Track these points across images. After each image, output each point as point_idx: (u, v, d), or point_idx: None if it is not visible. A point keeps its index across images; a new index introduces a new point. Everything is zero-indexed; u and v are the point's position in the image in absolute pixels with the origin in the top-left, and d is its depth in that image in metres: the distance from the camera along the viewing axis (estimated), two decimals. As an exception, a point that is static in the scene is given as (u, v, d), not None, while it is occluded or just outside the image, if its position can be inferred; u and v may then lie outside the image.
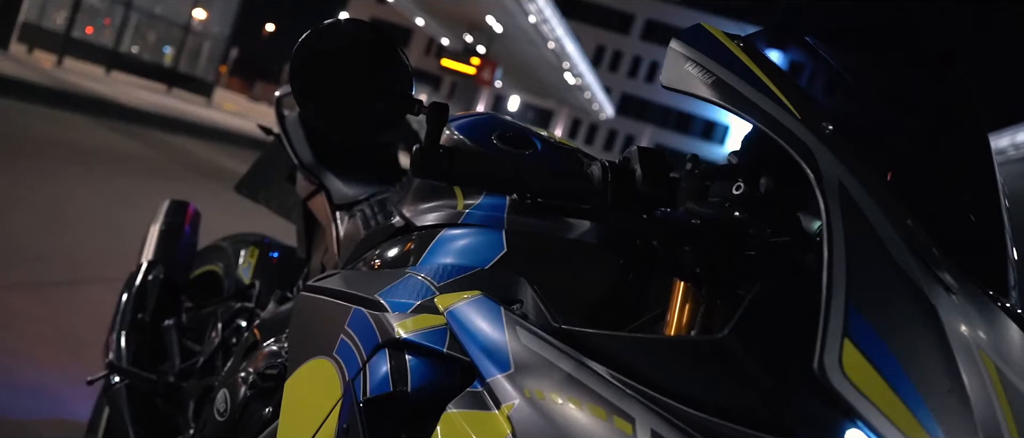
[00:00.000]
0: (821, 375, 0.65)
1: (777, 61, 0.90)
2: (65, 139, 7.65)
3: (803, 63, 0.97)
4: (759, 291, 0.73)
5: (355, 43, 0.86)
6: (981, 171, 0.90)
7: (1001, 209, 0.88)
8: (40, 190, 5.03)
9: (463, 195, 1.19)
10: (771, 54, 0.92)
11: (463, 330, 0.90)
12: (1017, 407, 0.69)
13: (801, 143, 0.77)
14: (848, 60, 1.00)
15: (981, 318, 0.73)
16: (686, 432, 0.70)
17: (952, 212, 0.88)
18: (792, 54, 0.98)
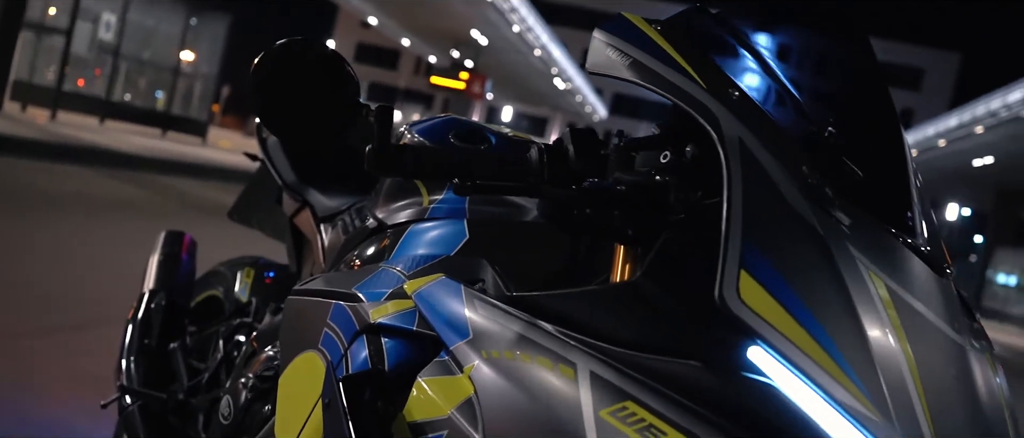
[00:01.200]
0: (722, 304, 0.75)
1: (696, 38, 1.00)
2: (65, 190, 7.78)
3: (719, 37, 1.07)
4: (667, 237, 0.83)
5: (306, 60, 0.96)
6: (886, 128, 0.99)
7: (906, 160, 0.97)
8: (44, 241, 5.15)
9: (428, 192, 1.29)
10: (690, 33, 1.02)
11: (429, 308, 1.00)
12: (906, 317, 0.79)
13: (705, 108, 0.87)
14: (760, 31, 1.10)
15: (873, 246, 0.83)
16: (617, 369, 0.80)
17: (860, 162, 0.97)
18: (709, 31, 1.08)
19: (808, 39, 1.12)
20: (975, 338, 0.88)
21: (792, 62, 1.08)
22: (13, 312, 3.54)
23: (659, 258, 0.83)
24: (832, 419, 0.73)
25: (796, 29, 1.12)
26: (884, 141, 0.99)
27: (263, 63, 0.94)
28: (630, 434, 0.76)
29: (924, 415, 0.74)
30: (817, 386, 0.74)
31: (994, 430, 0.80)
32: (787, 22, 1.13)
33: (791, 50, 1.10)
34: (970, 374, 0.81)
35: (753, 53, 1.04)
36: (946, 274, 0.89)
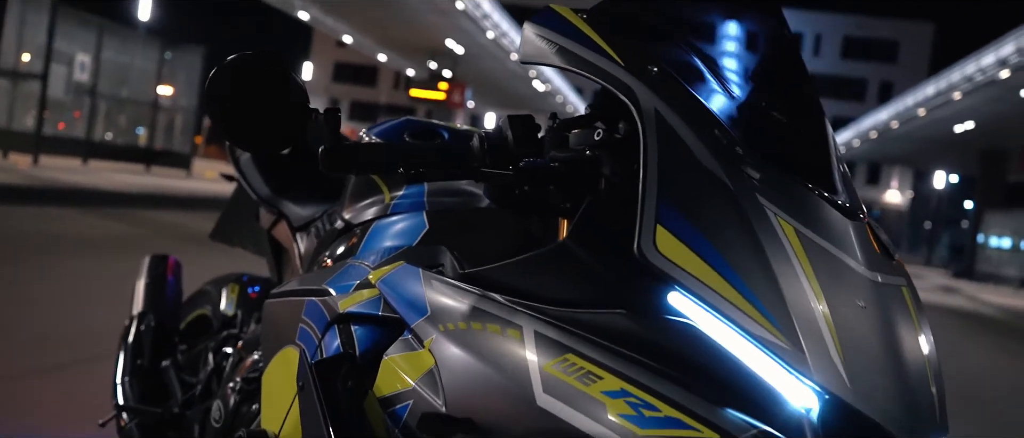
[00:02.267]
0: (641, 256, 0.83)
1: (619, 23, 1.08)
2: (52, 233, 7.82)
3: (643, 21, 1.14)
4: (589, 202, 0.91)
5: (256, 73, 1.03)
6: (802, 95, 1.07)
7: (823, 122, 1.05)
8: (36, 284, 5.20)
9: (389, 190, 1.37)
10: (614, 18, 1.10)
11: (391, 292, 1.08)
12: (815, 257, 0.87)
13: (624, 85, 0.95)
14: (682, 12, 1.18)
15: (784, 196, 0.90)
16: (557, 326, 0.88)
17: (778, 126, 1.05)
18: (634, 15, 1.15)
19: (727, 17, 1.20)
20: (890, 273, 0.95)
21: (713, 38, 1.16)
22: (13, 355, 3.60)
23: (581, 221, 0.91)
24: (747, 351, 0.81)
25: (716, 8, 1.20)
26: (801, 106, 1.06)
27: (215, 79, 1.01)
28: (571, 382, 0.84)
29: (833, 341, 0.82)
30: (732, 322, 0.81)
31: (905, 351, 0.88)
32: (708, 3, 1.21)
33: (712, 27, 1.18)
34: (879, 304, 0.88)
35: (675, 33, 1.12)
36: (859, 219, 0.97)
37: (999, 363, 9.28)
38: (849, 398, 0.80)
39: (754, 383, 0.81)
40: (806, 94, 1.07)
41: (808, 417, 0.81)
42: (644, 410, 0.80)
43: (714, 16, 1.20)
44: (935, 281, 25.29)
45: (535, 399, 0.85)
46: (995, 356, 10.01)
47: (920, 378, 0.88)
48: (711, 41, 1.14)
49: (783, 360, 0.81)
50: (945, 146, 33.18)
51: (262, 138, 1.03)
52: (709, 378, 0.82)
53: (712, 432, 0.77)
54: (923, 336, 0.93)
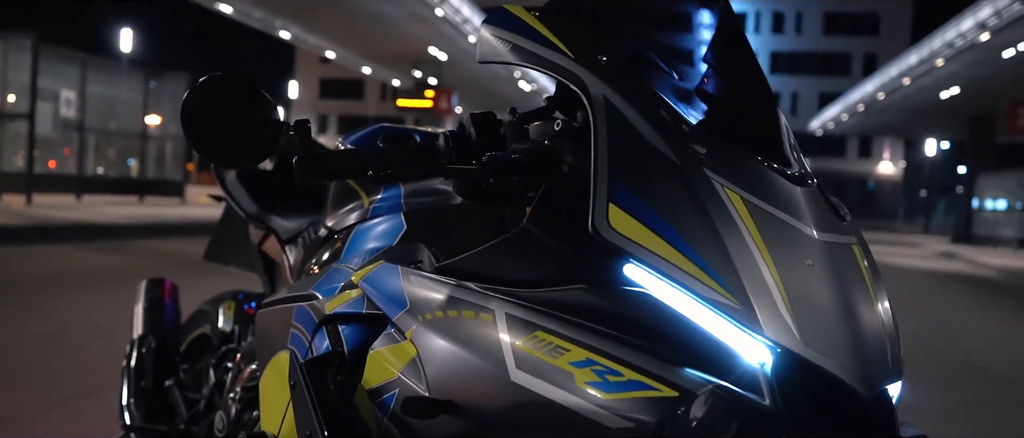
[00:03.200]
0: (595, 233, 0.88)
1: (570, 18, 1.14)
2: (50, 269, 7.85)
3: (594, 15, 1.20)
4: (545, 189, 0.97)
5: (227, 91, 1.08)
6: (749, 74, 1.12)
7: (770, 98, 1.11)
8: (39, 322, 5.24)
9: (367, 194, 1.43)
10: (566, 14, 1.15)
11: (373, 290, 1.14)
12: (762, 221, 0.92)
13: (574, 75, 1.01)
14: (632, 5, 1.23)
15: (731, 167, 0.96)
16: (525, 306, 0.93)
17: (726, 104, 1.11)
18: (585, 10, 1.21)
19: (675, 5, 1.26)
20: (840, 233, 1.01)
21: (661, 26, 1.22)
22: (21, 392, 3.64)
23: (539, 206, 0.97)
24: (701, 313, 0.87)
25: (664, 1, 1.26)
26: (748, 85, 1.12)
27: (189, 100, 1.06)
28: (541, 357, 0.89)
29: (781, 298, 0.87)
30: (685, 288, 0.87)
31: (855, 304, 0.93)
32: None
33: (660, 16, 1.24)
34: (828, 262, 0.94)
35: (624, 24, 1.17)
36: (808, 184, 1.03)
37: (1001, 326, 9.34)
38: (800, 350, 0.86)
39: (709, 343, 0.87)
40: (753, 73, 1.13)
41: (762, 371, 0.86)
42: (609, 376, 0.85)
43: (662, 5, 1.25)
44: (934, 248, 25.37)
45: (510, 376, 0.90)
46: (997, 318, 10.07)
47: (871, 328, 0.93)
48: (660, 29, 1.20)
49: (735, 319, 0.86)
50: (933, 113, 33.27)
51: (237, 153, 1.08)
52: (667, 341, 0.88)
53: (671, 390, 0.83)
54: (875, 289, 0.99)
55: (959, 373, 5.95)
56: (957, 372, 5.99)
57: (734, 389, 0.84)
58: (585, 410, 0.85)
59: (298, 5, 23.00)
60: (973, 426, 4.42)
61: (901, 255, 21.48)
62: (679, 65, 1.12)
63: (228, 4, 22.98)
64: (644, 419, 0.82)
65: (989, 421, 4.58)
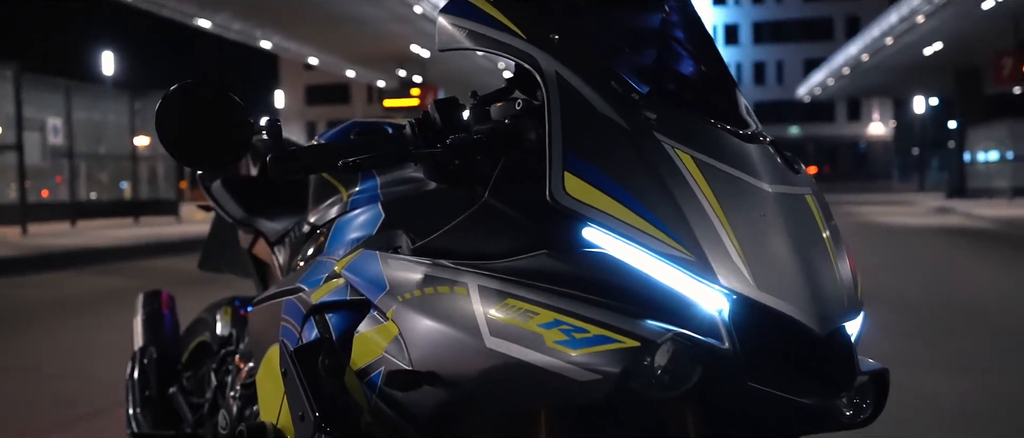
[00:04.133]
0: (553, 200, 0.93)
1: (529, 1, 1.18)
2: (50, 297, 7.89)
3: None
4: (503, 164, 1.02)
5: (199, 97, 1.13)
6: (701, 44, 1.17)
7: (721, 63, 1.16)
8: (43, 347, 5.29)
9: (345, 188, 1.48)
10: None
11: (355, 277, 1.19)
12: (713, 179, 0.97)
13: (527, 54, 1.06)
14: None
15: (681, 130, 1.01)
16: (494, 276, 0.99)
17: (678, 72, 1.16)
18: None
19: None
20: (793, 185, 1.06)
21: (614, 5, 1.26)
22: (32, 414, 3.70)
23: (499, 180, 1.02)
24: (658, 268, 0.92)
25: None
26: (700, 54, 1.17)
27: (162, 109, 1.11)
28: (513, 322, 0.94)
29: (734, 248, 0.92)
30: (641, 245, 0.92)
31: (809, 249, 0.98)
32: None
33: None
34: (780, 212, 0.99)
35: (577, 4, 1.21)
36: (760, 141, 1.08)
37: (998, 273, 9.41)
38: (754, 295, 0.91)
39: (668, 295, 0.92)
40: (704, 43, 1.18)
41: (720, 317, 0.92)
42: (575, 333, 0.90)
43: None
44: (929, 204, 25.47)
45: (485, 343, 0.95)
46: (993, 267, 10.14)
47: (825, 270, 0.98)
48: (612, 6, 1.24)
49: (691, 271, 0.91)
50: (919, 71, 33.32)
51: (212, 156, 1.13)
52: (628, 297, 0.93)
53: (634, 341, 0.88)
54: (828, 234, 1.04)
55: (957, 321, 6.02)
56: (957, 320, 6.06)
57: (693, 336, 0.89)
58: (556, 367, 0.90)
59: (277, 14, 22.99)
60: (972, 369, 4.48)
61: (896, 214, 21.57)
62: (631, 39, 1.17)
63: (206, 18, 22.97)
64: (610, 370, 0.87)
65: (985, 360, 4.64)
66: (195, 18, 22.68)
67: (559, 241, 0.96)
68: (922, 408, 3.86)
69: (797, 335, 0.94)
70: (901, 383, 4.48)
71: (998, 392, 4.11)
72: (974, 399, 3.97)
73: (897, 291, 7.78)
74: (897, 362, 4.63)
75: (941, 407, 3.86)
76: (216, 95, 1.11)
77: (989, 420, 3.66)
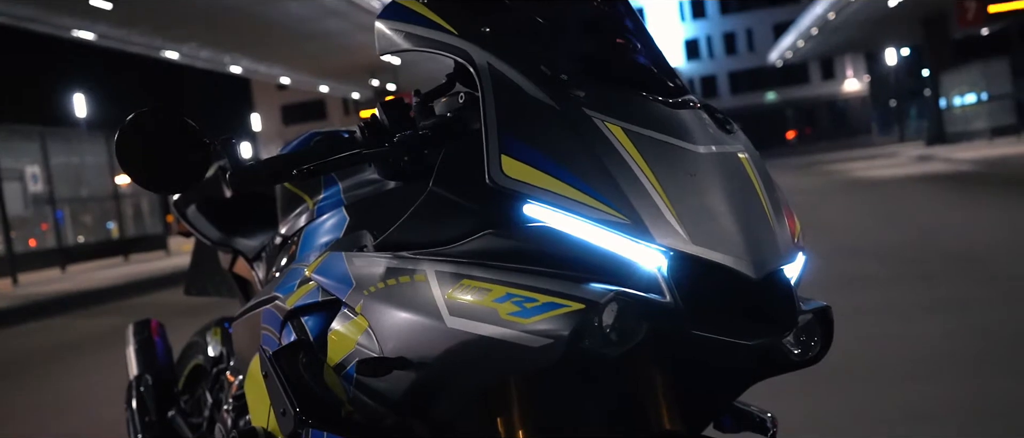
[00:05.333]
0: (492, 182, 0.99)
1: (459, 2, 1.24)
2: (45, 344, 7.92)
3: None
4: (445, 154, 1.08)
5: (156, 122, 1.18)
6: (631, 25, 1.23)
7: (651, 41, 1.21)
8: (45, 394, 5.32)
9: (310, 196, 1.53)
10: None
11: (324, 279, 1.24)
12: (643, 146, 1.03)
13: (460, 49, 1.12)
14: None
15: (611, 105, 1.06)
16: (449, 260, 1.05)
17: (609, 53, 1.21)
18: None
19: None
20: (725, 144, 1.12)
21: None
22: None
23: (441, 169, 1.08)
24: (596, 234, 0.98)
25: None
26: (629, 33, 1.23)
27: (121, 138, 1.16)
28: (469, 301, 1.00)
29: (667, 208, 0.98)
30: (578, 214, 0.98)
31: (742, 201, 1.04)
32: None
33: None
34: (711, 170, 1.05)
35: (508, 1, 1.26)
36: (691, 106, 1.14)
37: (981, 213, 9.52)
38: (690, 249, 0.97)
39: (609, 259, 0.98)
40: (633, 22, 1.24)
41: (660, 274, 0.98)
42: (526, 304, 0.96)
43: None
44: (910, 154, 25.66)
45: (446, 324, 1.01)
46: (974, 208, 10.25)
47: (757, 219, 1.04)
48: None
49: (628, 233, 0.97)
50: (886, 22, 33.51)
51: (173, 180, 1.18)
52: (572, 265, 0.99)
53: (579, 304, 0.94)
54: (762, 186, 1.10)
55: (942, 265, 6.11)
56: (941, 264, 6.15)
57: (636, 293, 0.96)
58: (512, 337, 0.96)
59: (242, 38, 22.97)
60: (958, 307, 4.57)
61: (878, 167, 21.73)
62: (560, 25, 1.23)
63: (173, 50, 22.93)
64: (561, 333, 0.93)
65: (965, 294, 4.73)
66: (162, 51, 22.64)
67: (503, 220, 1.03)
68: (908, 349, 3.95)
69: (736, 283, 0.99)
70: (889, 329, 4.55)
71: (983, 330, 4.19)
72: (960, 338, 4.06)
73: (882, 242, 7.89)
74: (886, 310, 4.72)
75: (930, 347, 3.94)
76: (172, 120, 1.17)
77: (973, 356, 3.75)
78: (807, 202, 13.98)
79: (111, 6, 18.43)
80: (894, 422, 2.99)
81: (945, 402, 3.12)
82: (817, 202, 13.78)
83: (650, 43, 1.23)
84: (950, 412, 3.01)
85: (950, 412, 3.01)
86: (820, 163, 29.87)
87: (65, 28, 20.46)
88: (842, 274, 6.13)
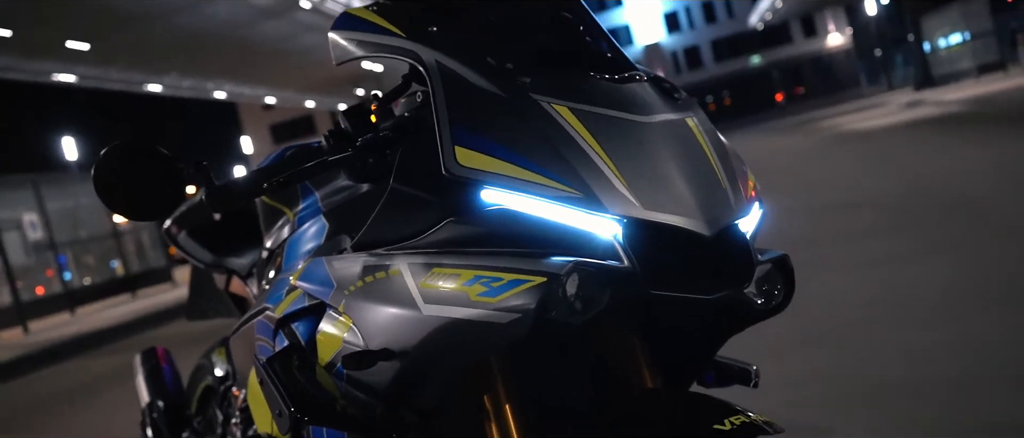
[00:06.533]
0: (449, 173, 1.05)
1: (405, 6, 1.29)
2: (60, 387, 7.98)
3: None
4: (402, 151, 1.13)
5: (129, 155, 1.23)
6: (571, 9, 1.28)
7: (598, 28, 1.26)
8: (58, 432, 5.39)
9: (290, 208, 1.59)
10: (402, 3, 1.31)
11: (308, 284, 1.30)
12: (590, 122, 1.08)
13: (408, 50, 1.17)
14: None
15: (557, 88, 1.11)
16: (419, 252, 1.10)
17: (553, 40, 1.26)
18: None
19: None
20: (672, 111, 1.16)
21: None
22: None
23: (400, 166, 1.14)
24: (552, 210, 1.04)
25: None
26: (573, 19, 1.28)
27: (98, 174, 1.21)
28: (440, 288, 1.06)
29: (617, 178, 1.03)
30: (533, 194, 1.03)
31: (690, 164, 1.09)
32: None
33: None
34: (658, 139, 1.09)
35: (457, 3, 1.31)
36: (637, 80, 1.19)
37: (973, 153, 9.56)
38: (642, 215, 1.02)
39: (567, 232, 1.04)
40: (575, 7, 1.29)
41: (616, 241, 1.03)
42: (493, 283, 1.02)
43: None
44: (899, 101, 25.68)
45: (422, 312, 1.07)
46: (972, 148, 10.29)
47: (707, 178, 1.08)
48: None
49: (581, 206, 1.03)
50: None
51: (152, 207, 1.23)
52: (532, 242, 1.04)
53: (541, 277, 0.99)
54: (710, 147, 1.14)
55: (936, 210, 6.16)
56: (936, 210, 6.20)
57: (594, 261, 1.01)
58: (483, 317, 1.02)
59: (223, 63, 23.00)
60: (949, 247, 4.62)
61: (868, 118, 21.76)
62: (505, 19, 1.28)
63: (155, 83, 22.96)
64: (527, 307, 0.99)
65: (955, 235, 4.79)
66: (144, 85, 22.67)
67: (463, 208, 1.08)
68: (905, 293, 4.01)
69: (691, 242, 1.04)
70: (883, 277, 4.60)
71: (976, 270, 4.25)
72: (952, 281, 4.11)
73: (876, 192, 7.94)
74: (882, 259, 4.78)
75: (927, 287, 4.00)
76: (144, 152, 1.22)
77: (963, 295, 3.80)
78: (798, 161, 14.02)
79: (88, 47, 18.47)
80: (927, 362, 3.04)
81: (957, 342, 3.18)
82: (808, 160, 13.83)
83: (594, 26, 1.28)
84: (968, 348, 3.07)
85: (968, 348, 3.07)
86: (811, 121, 29.90)
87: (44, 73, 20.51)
88: (839, 228, 6.19)
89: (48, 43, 18.27)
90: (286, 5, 20.63)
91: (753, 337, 1.37)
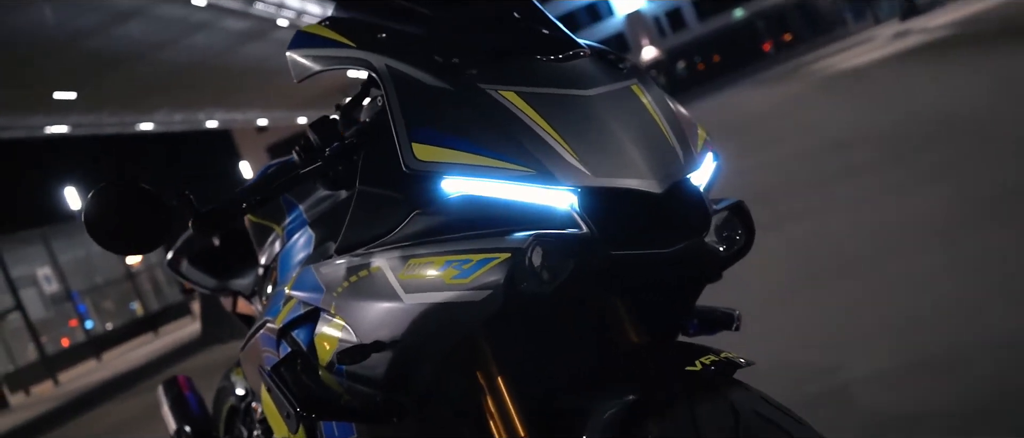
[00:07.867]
0: (408, 168, 1.11)
1: (355, 17, 1.35)
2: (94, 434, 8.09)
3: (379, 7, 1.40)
4: (364, 153, 1.20)
5: (115, 194, 1.30)
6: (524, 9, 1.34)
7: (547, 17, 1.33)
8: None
9: (278, 224, 1.66)
10: (352, 14, 1.37)
11: (301, 292, 1.37)
12: (536, 102, 1.14)
13: (360, 59, 1.23)
14: None
15: (502, 75, 1.17)
16: (395, 247, 1.17)
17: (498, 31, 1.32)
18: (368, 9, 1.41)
19: None
20: (616, 81, 1.22)
21: None
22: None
23: (364, 168, 1.21)
24: (510, 190, 1.10)
25: None
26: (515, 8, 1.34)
27: (87, 214, 1.28)
28: (417, 277, 1.12)
29: (566, 151, 1.09)
30: (489, 177, 1.10)
31: (637, 128, 1.15)
32: None
33: None
34: (602, 109, 1.15)
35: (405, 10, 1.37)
36: (581, 56, 1.25)
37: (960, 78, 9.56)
38: (594, 182, 1.08)
39: (526, 209, 1.10)
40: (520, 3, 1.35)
41: (573, 210, 1.10)
42: (463, 265, 1.08)
43: None
44: (886, 34, 25.58)
45: (404, 302, 1.14)
46: (961, 71, 10.28)
47: (654, 139, 1.14)
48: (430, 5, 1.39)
49: (536, 182, 1.09)
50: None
51: (143, 241, 1.30)
52: (495, 223, 1.11)
53: (506, 253, 1.06)
54: (657, 109, 1.20)
55: (931, 139, 6.19)
56: (931, 138, 6.23)
57: (554, 232, 1.08)
58: (459, 298, 1.08)
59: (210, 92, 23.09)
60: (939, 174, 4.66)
61: (857, 55, 21.68)
62: (447, 18, 1.33)
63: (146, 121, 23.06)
64: (497, 282, 1.05)
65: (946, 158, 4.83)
66: (136, 125, 22.79)
67: (427, 200, 1.15)
68: (907, 222, 4.06)
69: (646, 202, 1.11)
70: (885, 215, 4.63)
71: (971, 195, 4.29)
72: (950, 205, 4.16)
73: (870, 128, 7.96)
74: (880, 193, 4.83)
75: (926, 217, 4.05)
76: (129, 189, 1.29)
77: (962, 222, 3.85)
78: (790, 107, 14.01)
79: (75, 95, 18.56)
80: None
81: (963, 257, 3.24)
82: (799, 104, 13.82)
83: (537, 12, 1.34)
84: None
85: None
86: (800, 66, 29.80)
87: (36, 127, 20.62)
88: (836, 168, 6.23)
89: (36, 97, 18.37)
90: (264, 26, 20.69)
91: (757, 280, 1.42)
